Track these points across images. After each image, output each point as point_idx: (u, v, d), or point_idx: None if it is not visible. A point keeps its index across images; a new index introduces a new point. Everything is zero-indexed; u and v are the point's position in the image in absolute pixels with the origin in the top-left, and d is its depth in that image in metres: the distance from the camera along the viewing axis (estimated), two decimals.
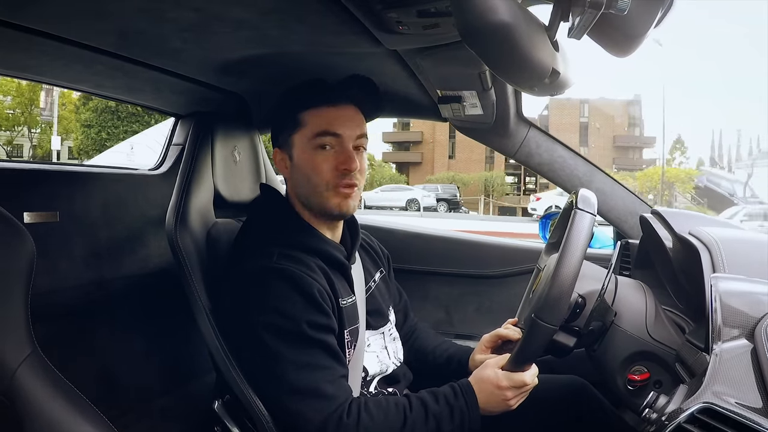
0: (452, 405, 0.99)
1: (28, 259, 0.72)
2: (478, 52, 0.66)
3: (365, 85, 1.09)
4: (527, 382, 0.99)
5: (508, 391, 0.99)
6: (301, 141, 1.05)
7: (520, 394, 1.00)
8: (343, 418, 0.93)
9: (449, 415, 0.98)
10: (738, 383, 0.67)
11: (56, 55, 1.02)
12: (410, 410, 0.98)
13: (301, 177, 1.06)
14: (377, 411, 0.96)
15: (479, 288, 1.88)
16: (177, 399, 1.60)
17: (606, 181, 1.66)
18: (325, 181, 1.04)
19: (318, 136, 1.03)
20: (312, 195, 1.06)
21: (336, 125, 1.04)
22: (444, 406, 0.99)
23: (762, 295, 0.84)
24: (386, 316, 1.23)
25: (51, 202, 1.28)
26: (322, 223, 1.10)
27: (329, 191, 1.04)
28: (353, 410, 0.95)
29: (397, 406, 0.98)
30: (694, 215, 1.36)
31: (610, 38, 0.73)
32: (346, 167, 1.03)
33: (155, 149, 1.70)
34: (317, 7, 0.87)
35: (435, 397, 1.00)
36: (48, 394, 0.69)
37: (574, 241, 0.90)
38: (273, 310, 0.96)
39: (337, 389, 0.96)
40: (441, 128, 27.40)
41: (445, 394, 1.01)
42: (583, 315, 1.00)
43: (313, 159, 1.04)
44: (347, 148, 1.04)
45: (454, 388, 1.02)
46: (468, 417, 0.99)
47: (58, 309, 1.26)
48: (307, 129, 1.04)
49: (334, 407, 0.94)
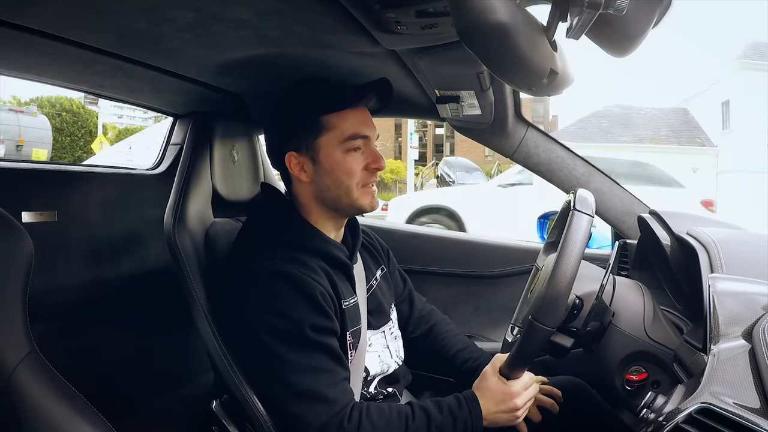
0: (456, 416, 0.99)
1: (26, 259, 0.72)
2: (476, 52, 0.66)
3: (384, 89, 1.10)
4: (525, 383, 1.01)
5: (518, 398, 1.00)
6: (329, 144, 1.04)
7: (526, 403, 1.02)
8: (343, 423, 0.93)
9: (452, 426, 0.98)
10: (736, 384, 0.67)
11: (56, 55, 1.02)
12: (413, 419, 0.97)
13: (331, 179, 1.06)
14: (379, 418, 0.96)
15: (477, 288, 1.88)
16: (175, 399, 1.60)
17: (604, 181, 1.66)
18: (356, 181, 1.06)
19: (350, 139, 1.04)
20: (344, 196, 1.06)
21: (364, 128, 1.06)
22: (447, 416, 0.99)
23: (760, 295, 0.85)
24: (387, 314, 1.22)
25: (49, 202, 1.28)
26: (328, 223, 1.10)
27: (359, 190, 1.06)
28: (354, 415, 0.94)
29: (400, 415, 0.98)
30: (693, 215, 1.36)
31: (608, 38, 0.73)
32: (376, 167, 1.07)
33: (153, 149, 1.70)
34: (316, 7, 0.87)
35: (439, 408, 1.00)
36: (46, 393, 0.69)
37: (572, 242, 0.90)
38: (275, 312, 0.95)
39: (338, 393, 0.95)
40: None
41: (449, 405, 1.00)
42: (581, 315, 1.00)
43: (346, 161, 1.05)
44: (373, 148, 1.08)
45: (459, 398, 1.02)
46: (471, 428, 0.99)
47: (56, 308, 1.26)
48: (336, 132, 1.04)
49: (334, 411, 0.93)
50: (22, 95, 21.85)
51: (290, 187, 1.12)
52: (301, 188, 1.10)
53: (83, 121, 19.94)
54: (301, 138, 1.06)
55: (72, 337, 1.31)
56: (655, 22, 0.72)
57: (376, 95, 1.09)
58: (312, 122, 1.05)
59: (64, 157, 18.57)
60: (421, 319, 1.36)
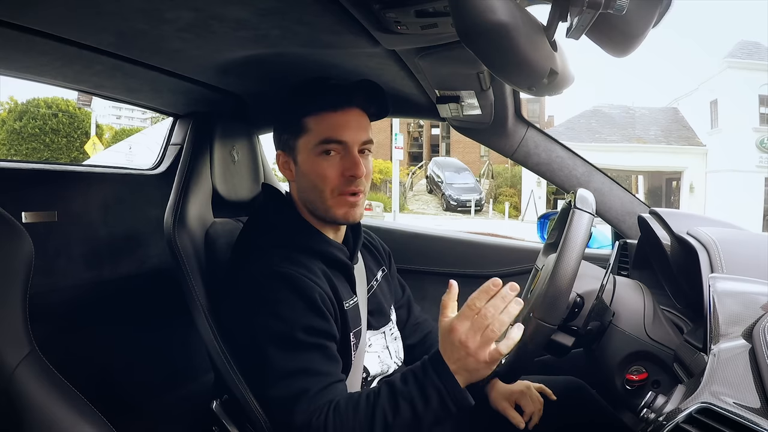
0: (422, 382, 0.88)
1: (27, 259, 0.72)
2: (476, 52, 0.66)
3: (370, 90, 1.07)
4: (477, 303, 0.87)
5: (463, 335, 0.85)
6: (305, 147, 1.04)
7: (477, 335, 0.85)
8: (312, 420, 0.88)
9: (420, 394, 0.87)
10: (736, 383, 0.67)
11: (56, 55, 1.02)
12: (378, 396, 0.89)
13: (307, 183, 1.05)
14: (347, 406, 0.90)
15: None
16: (175, 399, 1.60)
17: (604, 181, 1.66)
18: (331, 187, 1.03)
19: (322, 143, 1.02)
20: (318, 201, 1.05)
21: (340, 132, 1.02)
22: (413, 384, 0.88)
23: (760, 295, 0.85)
24: (387, 315, 1.22)
25: (49, 202, 1.28)
26: (325, 224, 1.10)
27: (334, 198, 1.03)
28: (324, 410, 0.89)
29: (368, 397, 0.90)
30: (693, 215, 1.36)
31: (608, 38, 0.73)
32: (351, 173, 1.02)
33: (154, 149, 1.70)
34: (316, 7, 0.87)
35: (403, 378, 0.90)
36: (46, 393, 0.69)
37: (572, 241, 0.91)
38: (271, 313, 0.95)
39: (325, 395, 0.91)
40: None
41: (413, 371, 0.90)
42: (582, 315, 1.00)
43: (318, 165, 1.03)
44: (353, 154, 1.03)
45: (424, 362, 0.91)
46: (446, 392, 0.86)
47: (56, 308, 1.26)
48: (311, 135, 1.03)
49: (311, 411, 0.89)
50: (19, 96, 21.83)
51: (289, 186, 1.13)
52: (292, 187, 1.11)
53: (79, 122, 19.99)
54: (286, 138, 1.07)
55: (72, 337, 1.31)
56: (655, 22, 0.72)
57: (364, 98, 1.07)
58: (293, 123, 1.05)
59: (61, 157, 18.65)
60: (417, 326, 1.36)
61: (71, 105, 20.09)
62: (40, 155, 18.65)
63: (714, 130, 17.83)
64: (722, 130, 17.28)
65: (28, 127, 19.13)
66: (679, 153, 18.40)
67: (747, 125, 16.78)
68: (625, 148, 18.29)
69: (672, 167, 18.83)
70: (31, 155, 18.56)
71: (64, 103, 19.95)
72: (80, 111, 20.29)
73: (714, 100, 17.79)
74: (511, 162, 4.10)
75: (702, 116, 18.44)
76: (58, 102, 19.92)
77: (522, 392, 1.16)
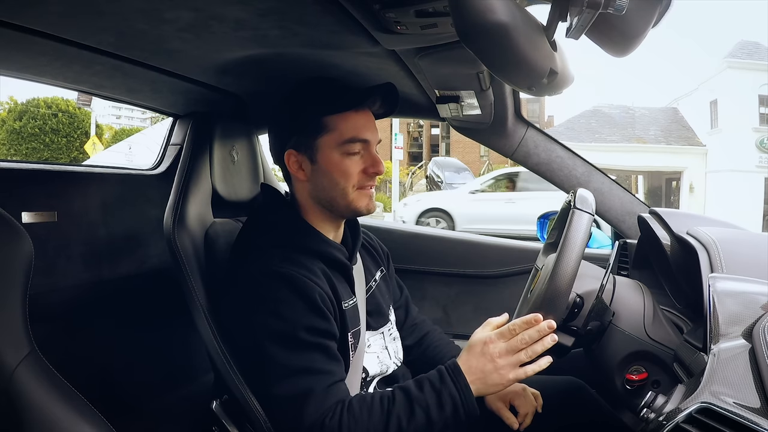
0: (438, 390, 0.92)
1: (26, 259, 0.72)
2: (475, 52, 0.66)
3: (389, 94, 1.10)
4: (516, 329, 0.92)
5: (496, 350, 0.92)
6: (327, 145, 1.04)
7: (509, 355, 0.92)
8: (325, 421, 0.90)
9: (437, 402, 0.92)
10: (736, 383, 0.67)
11: (56, 55, 1.02)
12: (393, 402, 0.93)
13: (327, 180, 1.06)
14: (360, 408, 0.92)
15: (477, 288, 1.88)
16: (175, 399, 1.60)
17: (604, 181, 1.66)
18: (353, 183, 1.05)
19: (348, 142, 1.04)
20: (340, 197, 1.06)
21: (364, 132, 1.06)
22: (429, 392, 0.93)
23: (760, 294, 0.85)
24: (386, 315, 1.22)
25: (49, 202, 1.28)
26: (327, 224, 1.10)
27: (355, 193, 1.06)
28: (336, 411, 0.92)
29: (382, 400, 0.93)
30: (693, 215, 1.36)
31: (608, 38, 0.73)
32: (374, 171, 1.06)
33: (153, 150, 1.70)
34: (315, 7, 0.87)
35: (419, 385, 0.94)
36: (46, 393, 0.69)
37: (572, 241, 0.91)
38: (271, 312, 0.95)
39: (329, 394, 0.93)
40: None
41: (430, 380, 0.95)
42: (581, 315, 1.00)
43: (343, 163, 1.04)
44: (373, 152, 1.07)
45: (441, 371, 0.96)
46: (461, 401, 0.92)
47: (56, 309, 1.26)
48: (335, 134, 1.04)
49: (322, 411, 0.91)
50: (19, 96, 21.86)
51: (290, 186, 1.13)
52: (299, 187, 1.10)
53: (79, 122, 19.97)
54: (301, 137, 1.06)
55: (72, 337, 1.31)
56: (655, 22, 0.72)
57: (381, 99, 1.10)
58: (313, 122, 1.05)
59: (60, 157, 18.64)
60: (414, 327, 1.36)
61: (71, 105, 20.07)
62: (40, 155, 18.65)
63: (714, 130, 17.83)
64: (722, 130, 17.27)
65: (28, 127, 19.14)
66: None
67: (747, 125, 16.77)
68: (625, 148, 18.28)
69: (672, 167, 18.82)
70: (31, 155, 18.56)
71: (63, 103, 19.94)
72: (80, 111, 20.28)
73: (714, 100, 17.80)
74: (511, 162, 4.21)
75: (702, 116, 18.43)
76: (58, 102, 19.92)
77: (517, 393, 1.16)
